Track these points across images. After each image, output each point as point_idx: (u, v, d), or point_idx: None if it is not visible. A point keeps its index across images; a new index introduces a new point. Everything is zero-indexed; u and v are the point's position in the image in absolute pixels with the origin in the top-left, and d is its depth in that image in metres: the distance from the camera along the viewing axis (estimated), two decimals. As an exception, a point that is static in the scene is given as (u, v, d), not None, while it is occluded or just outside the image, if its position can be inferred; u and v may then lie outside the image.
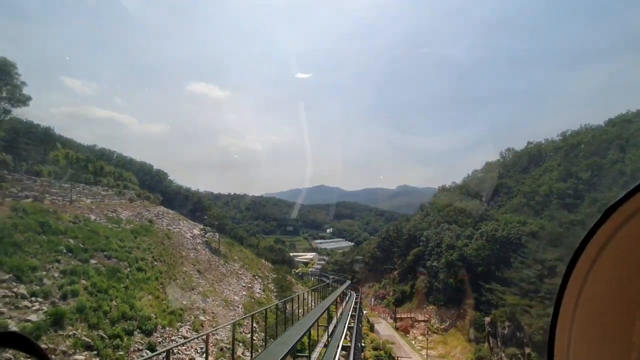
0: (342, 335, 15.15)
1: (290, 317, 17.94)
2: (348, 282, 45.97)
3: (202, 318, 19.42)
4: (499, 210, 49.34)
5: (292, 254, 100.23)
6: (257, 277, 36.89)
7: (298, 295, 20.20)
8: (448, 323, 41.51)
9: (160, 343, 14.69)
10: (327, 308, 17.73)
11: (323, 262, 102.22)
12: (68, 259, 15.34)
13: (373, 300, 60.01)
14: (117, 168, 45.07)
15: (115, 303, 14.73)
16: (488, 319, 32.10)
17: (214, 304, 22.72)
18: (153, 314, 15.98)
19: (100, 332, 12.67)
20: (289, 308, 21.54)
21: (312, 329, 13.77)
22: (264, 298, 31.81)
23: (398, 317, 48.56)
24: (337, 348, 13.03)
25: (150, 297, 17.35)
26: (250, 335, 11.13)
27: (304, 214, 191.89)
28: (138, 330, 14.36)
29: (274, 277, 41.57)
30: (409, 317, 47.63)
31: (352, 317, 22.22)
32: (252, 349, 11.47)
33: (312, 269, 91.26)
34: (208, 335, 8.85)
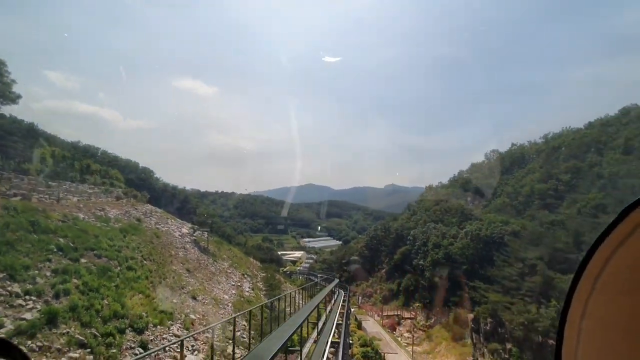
0: (331, 332, 15.66)
1: (281, 315, 18.31)
2: (336, 280, 46.55)
3: (192, 317, 19.60)
4: (484, 210, 50.76)
5: (280, 253, 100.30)
6: (246, 275, 37.07)
7: (288, 294, 20.58)
8: (433, 320, 42.60)
9: (152, 341, 14.87)
10: (316, 306, 18.19)
11: (311, 260, 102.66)
12: (59, 258, 15.34)
13: (361, 299, 60.88)
14: (102, 166, 44.46)
15: (107, 302, 14.83)
16: (471, 316, 33.18)
17: (204, 303, 22.90)
18: (144, 313, 16.11)
19: (93, 330, 12.80)
20: (279, 306, 21.91)
21: (302, 326, 14.21)
22: (253, 297, 32.04)
23: (385, 314, 49.49)
24: (326, 344, 13.53)
25: (141, 295, 17.46)
26: (249, 330, 11.49)
27: (293, 213, 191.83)
28: (130, 329, 14.50)
29: (263, 275, 41.78)
30: (396, 314, 48.63)
31: (340, 314, 22.79)
32: (250, 340, 11.81)
33: (300, 268, 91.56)
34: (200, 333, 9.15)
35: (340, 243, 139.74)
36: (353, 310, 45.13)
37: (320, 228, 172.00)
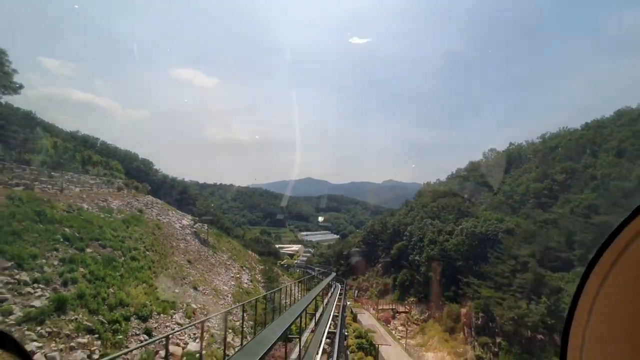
0: (327, 323, 16.30)
1: (279, 306, 18.93)
2: (333, 274, 47.32)
3: (193, 306, 20.23)
4: (480, 208, 51.43)
5: (277, 246, 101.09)
6: (244, 268, 37.74)
7: (286, 287, 21.19)
8: (427, 314, 43.46)
9: (156, 328, 15.48)
10: (314, 297, 18.82)
11: (309, 254, 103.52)
12: (65, 248, 15.85)
13: (357, 292, 61.78)
14: (102, 156, 44.81)
15: (113, 290, 15.40)
16: (464, 311, 34.01)
17: (204, 293, 23.52)
18: (148, 302, 16.70)
19: (100, 317, 13.37)
20: (278, 298, 22.54)
21: (300, 316, 14.82)
22: (252, 288, 32.73)
23: (380, 308, 50.36)
24: (323, 334, 14.17)
25: (145, 285, 18.03)
26: (255, 314, 12.06)
27: (291, 206, 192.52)
28: (135, 317, 15.10)
29: (261, 268, 42.51)
30: (391, 308, 49.50)
31: (336, 307, 23.47)
32: (255, 326, 12.39)
33: (297, 261, 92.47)
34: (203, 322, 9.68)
35: (338, 237, 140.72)
36: (349, 304, 45.96)
37: (322, 219, 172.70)
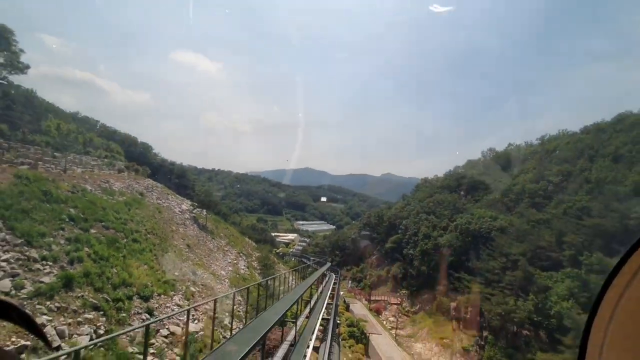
0: (322, 310, 16.98)
1: (276, 293, 19.60)
2: (328, 264, 48.19)
3: (192, 289, 20.86)
4: (475, 205, 52.10)
5: (273, 234, 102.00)
6: (241, 254, 38.42)
7: (283, 275, 21.83)
8: (418, 307, 44.57)
9: (157, 308, 16.10)
10: (310, 286, 19.49)
11: (304, 243, 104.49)
12: (71, 228, 16.32)
13: (350, 283, 62.93)
14: (101, 138, 45.02)
15: (116, 270, 15.94)
16: (454, 304, 34.98)
17: (203, 277, 24.15)
18: (149, 283, 17.29)
19: (105, 295, 13.93)
20: (274, 285, 23.22)
21: (296, 303, 15.47)
22: (248, 274, 33.46)
23: (372, 299, 51.50)
24: (317, 320, 14.84)
25: (146, 267, 18.60)
26: (249, 298, 12.67)
27: (288, 195, 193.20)
28: (137, 296, 15.69)
29: (258, 255, 43.24)
30: (383, 299, 50.64)
31: (330, 296, 24.23)
32: (257, 309, 12.99)
33: (293, 250, 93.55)
34: (215, 301, 10.19)
35: (334, 228, 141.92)
36: (342, 294, 46.99)
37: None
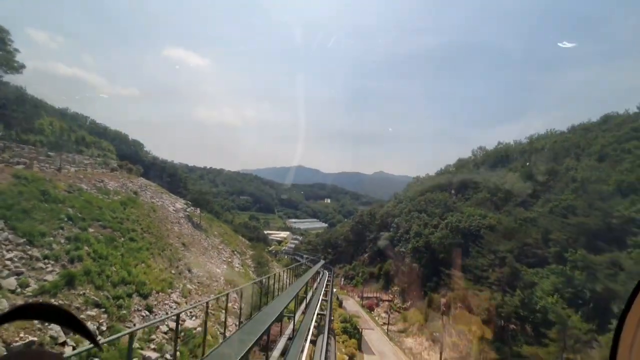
0: (317, 306, 17.55)
1: (272, 290, 20.09)
2: (322, 262, 48.78)
3: (189, 287, 21.21)
4: (465, 203, 53.24)
5: (266, 232, 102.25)
6: (235, 252, 38.75)
7: (278, 273, 22.29)
8: (409, 303, 45.50)
9: (156, 305, 16.43)
10: (305, 283, 20.02)
11: (297, 241, 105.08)
12: (70, 227, 16.52)
13: (343, 280, 63.71)
14: (93, 136, 44.71)
15: (115, 269, 16.22)
16: (444, 300, 35.94)
17: (199, 275, 24.49)
18: (147, 281, 17.59)
19: (106, 293, 14.24)
20: (271, 283, 23.69)
21: (294, 299, 16.01)
22: (243, 272, 33.85)
23: (365, 296, 52.32)
24: (313, 315, 15.40)
25: (144, 265, 18.89)
26: (261, 294, 13.13)
27: (280, 193, 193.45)
28: (136, 294, 16.00)
29: (252, 253, 43.61)
30: (375, 296, 51.50)
31: (324, 293, 24.80)
32: (256, 306, 13.47)
33: (285, 248, 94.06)
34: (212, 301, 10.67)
35: (326, 226, 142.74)
36: (335, 291, 47.68)
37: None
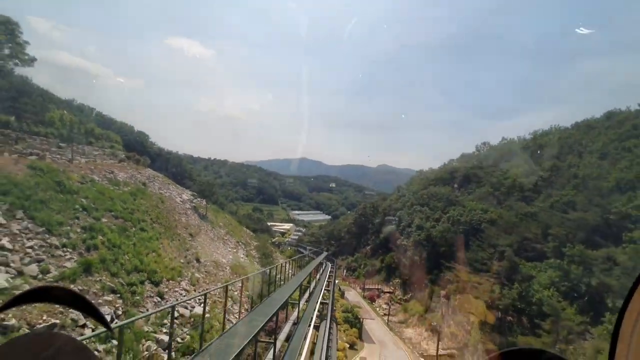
0: (320, 294, 18.32)
1: (278, 280, 20.87)
2: (325, 253, 49.66)
3: (197, 275, 22.07)
4: (468, 197, 53.67)
5: (269, 224, 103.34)
6: (240, 243, 39.66)
7: (283, 264, 23.08)
8: (410, 295, 46.39)
9: (167, 292, 17.28)
10: (309, 273, 20.79)
11: (300, 233, 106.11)
12: (84, 217, 17.31)
13: (345, 272, 64.74)
14: (100, 128, 45.41)
15: (128, 257, 17.03)
16: (444, 292, 36.71)
17: (206, 265, 25.36)
18: (158, 269, 18.42)
19: (120, 280, 15.05)
20: (276, 273, 24.51)
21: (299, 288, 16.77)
22: (248, 263, 34.75)
23: (366, 287, 53.29)
24: (316, 303, 16.17)
25: (154, 254, 19.71)
26: (267, 282, 13.90)
27: (284, 185, 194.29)
28: (148, 281, 16.83)
29: (256, 244, 44.55)
30: (377, 288, 52.47)
31: (327, 283, 25.63)
32: (270, 286, 14.23)
33: (288, 239, 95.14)
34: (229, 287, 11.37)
35: (330, 218, 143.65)
36: (337, 282, 48.68)
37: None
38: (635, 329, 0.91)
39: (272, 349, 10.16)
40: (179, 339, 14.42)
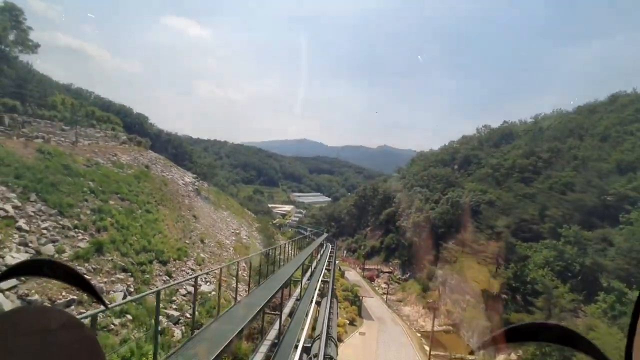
0: (321, 273, 19.07)
1: (280, 259, 21.60)
2: (325, 234, 50.58)
3: (202, 255, 22.80)
4: (467, 179, 54.11)
5: (270, 205, 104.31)
6: (242, 225, 40.44)
7: (285, 244, 23.76)
8: (408, 275, 47.67)
9: (174, 272, 18.00)
10: (310, 254, 21.49)
11: (300, 215, 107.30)
12: (92, 199, 17.80)
13: (345, 253, 66.11)
14: (100, 110, 45.33)
15: (136, 238, 17.64)
16: (441, 272, 37.81)
17: (210, 245, 26.10)
18: (165, 249, 19.08)
19: (130, 259, 15.69)
20: (278, 253, 25.26)
21: (301, 267, 17.47)
22: (250, 244, 35.58)
23: (366, 267, 54.63)
24: (317, 281, 16.90)
25: (161, 235, 20.34)
26: (269, 262, 14.52)
27: (284, 166, 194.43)
28: (156, 261, 17.50)
29: (257, 226, 45.40)
30: (376, 268, 53.81)
31: (328, 262, 26.44)
32: (272, 265, 14.89)
33: (289, 221, 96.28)
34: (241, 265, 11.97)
35: (330, 200, 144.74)
36: (337, 262, 49.87)
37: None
38: None
39: (277, 321, 10.85)
40: (188, 314, 15.19)
